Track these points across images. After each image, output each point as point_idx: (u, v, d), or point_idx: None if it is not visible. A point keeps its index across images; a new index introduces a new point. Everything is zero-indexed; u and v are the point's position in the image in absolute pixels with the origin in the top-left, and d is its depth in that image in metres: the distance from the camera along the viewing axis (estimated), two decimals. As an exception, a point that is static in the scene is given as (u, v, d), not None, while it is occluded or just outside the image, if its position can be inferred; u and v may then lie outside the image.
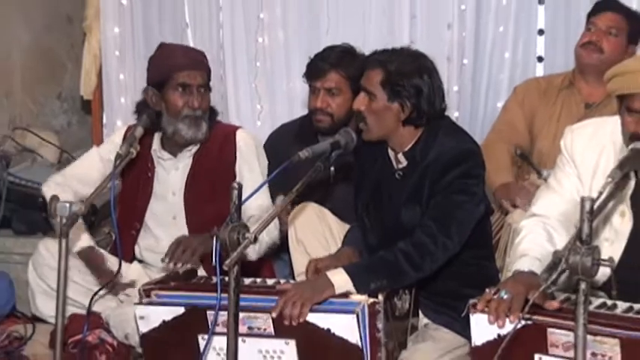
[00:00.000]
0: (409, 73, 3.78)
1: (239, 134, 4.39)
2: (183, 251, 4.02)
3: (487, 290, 3.24)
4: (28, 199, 5.03)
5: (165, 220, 4.40)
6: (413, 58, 3.85)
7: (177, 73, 4.21)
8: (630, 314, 3.23)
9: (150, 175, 4.39)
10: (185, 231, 4.31)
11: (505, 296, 3.19)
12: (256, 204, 4.17)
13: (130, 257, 4.43)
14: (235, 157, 4.35)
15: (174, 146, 4.36)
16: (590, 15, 4.84)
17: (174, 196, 4.37)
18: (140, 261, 4.45)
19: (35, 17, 6.12)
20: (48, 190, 4.30)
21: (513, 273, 3.33)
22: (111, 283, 4.14)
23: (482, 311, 3.23)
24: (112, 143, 4.42)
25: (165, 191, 4.39)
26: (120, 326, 4.19)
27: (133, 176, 4.42)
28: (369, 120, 3.79)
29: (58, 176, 4.47)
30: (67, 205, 3.51)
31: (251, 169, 4.35)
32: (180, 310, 3.68)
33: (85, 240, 4.33)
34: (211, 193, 4.29)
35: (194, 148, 4.35)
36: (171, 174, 4.39)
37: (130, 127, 4.32)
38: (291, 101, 5.65)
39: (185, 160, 4.37)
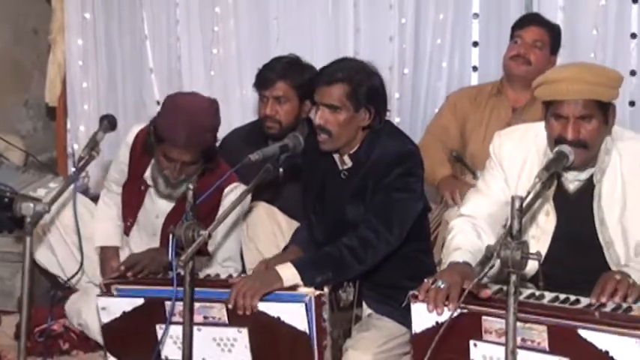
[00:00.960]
0: (368, 81, 3.79)
1: (227, 189, 4.12)
2: (138, 272, 3.86)
3: (425, 280, 3.25)
4: (-6, 199, 4.96)
5: (147, 230, 4.30)
6: (365, 66, 3.86)
7: (168, 146, 3.92)
8: (556, 303, 3.24)
9: (143, 189, 4.26)
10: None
11: (442, 285, 3.20)
12: (222, 235, 4.16)
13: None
14: (219, 203, 4.12)
15: (157, 188, 4.18)
16: (516, 28, 4.87)
17: (157, 219, 4.26)
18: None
19: (4, 31, 6.09)
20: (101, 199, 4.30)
21: (449, 264, 3.35)
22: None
23: (422, 301, 3.24)
24: (126, 146, 4.27)
25: (151, 209, 4.27)
26: (75, 315, 4.16)
27: (133, 177, 4.27)
28: (334, 132, 3.77)
29: (105, 182, 4.40)
30: (32, 204, 3.47)
31: (230, 219, 4.13)
32: (140, 301, 3.67)
33: (106, 239, 4.32)
34: None
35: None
36: (159, 202, 4.24)
37: (141, 130, 4.21)
38: (244, 107, 5.63)
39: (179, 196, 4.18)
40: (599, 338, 3.05)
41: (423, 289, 3.22)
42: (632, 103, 5.10)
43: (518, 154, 3.57)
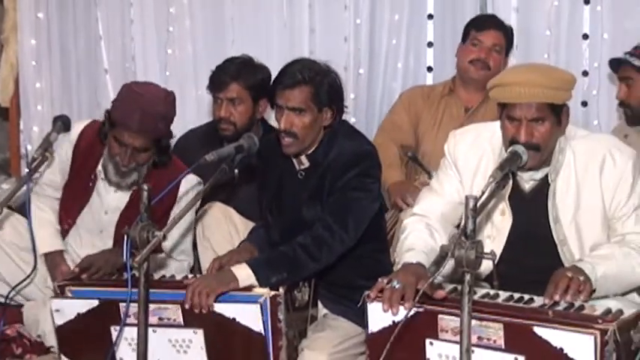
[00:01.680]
0: (328, 81, 3.80)
1: (183, 185, 4.11)
2: (93, 274, 3.85)
3: (380, 280, 3.26)
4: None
5: (93, 229, 4.25)
6: (322, 65, 3.86)
7: (120, 129, 3.96)
8: (511, 302, 3.27)
9: (91, 186, 4.21)
10: (110, 244, 4.17)
11: (397, 285, 3.21)
12: (177, 234, 4.15)
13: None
14: (175, 200, 4.14)
15: (107, 176, 4.16)
16: (474, 29, 4.88)
17: (106, 215, 4.21)
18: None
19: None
20: (33, 204, 4.11)
21: (402, 265, 3.36)
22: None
23: (378, 300, 3.25)
24: (69, 143, 4.24)
25: (99, 207, 4.23)
26: (33, 326, 4.12)
27: (78, 175, 4.24)
28: (300, 134, 3.77)
29: (36, 187, 4.27)
30: None
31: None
32: (95, 302, 3.65)
33: (51, 244, 4.22)
34: None
35: (127, 189, 4.17)
36: (110, 194, 4.20)
37: (87, 125, 4.23)
38: (200, 108, 5.61)
39: (123, 194, 4.19)
40: (554, 335, 3.08)
41: (377, 289, 3.24)
42: (584, 104, 5.13)
43: (473, 153, 3.58)
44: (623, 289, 3.38)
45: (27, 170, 3.90)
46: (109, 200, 4.21)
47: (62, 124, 4.03)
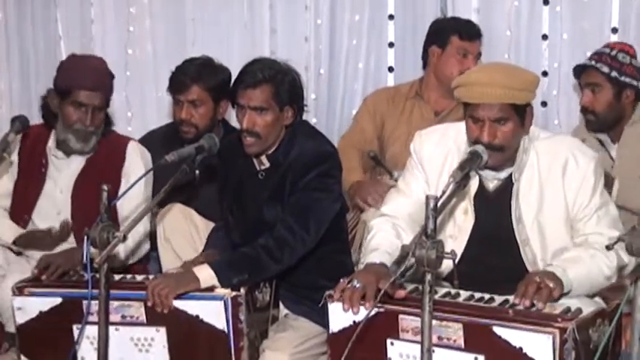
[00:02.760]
0: (289, 79, 3.81)
1: (130, 146, 4.33)
2: (54, 271, 3.85)
3: (341, 280, 3.27)
4: None
5: (49, 214, 4.28)
6: (282, 64, 3.87)
7: (76, 91, 4.13)
8: (471, 302, 3.29)
9: (43, 171, 4.29)
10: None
11: (358, 285, 3.22)
12: (132, 205, 4.17)
13: None
14: (123, 164, 4.27)
15: (67, 148, 4.27)
16: (459, 38, 4.83)
17: (61, 194, 4.28)
18: (19, 253, 4.31)
19: None
20: None
21: (365, 265, 3.38)
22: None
23: (339, 300, 3.26)
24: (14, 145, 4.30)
25: (53, 188, 4.28)
26: None
27: (28, 169, 4.31)
28: (262, 134, 3.77)
29: None
30: None
31: (136, 176, 4.16)
32: (58, 300, 3.66)
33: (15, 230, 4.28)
34: (97, 195, 4.18)
35: (87, 154, 4.28)
36: (63, 173, 4.29)
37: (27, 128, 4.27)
38: (160, 109, 5.58)
39: (77, 161, 4.29)
40: (513, 335, 3.10)
41: (339, 289, 3.25)
42: (544, 104, 5.18)
43: (438, 153, 3.60)
44: (593, 290, 3.40)
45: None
46: (60, 180, 4.28)
47: (20, 124, 4.04)
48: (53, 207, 4.28)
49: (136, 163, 4.32)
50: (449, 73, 4.74)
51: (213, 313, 3.53)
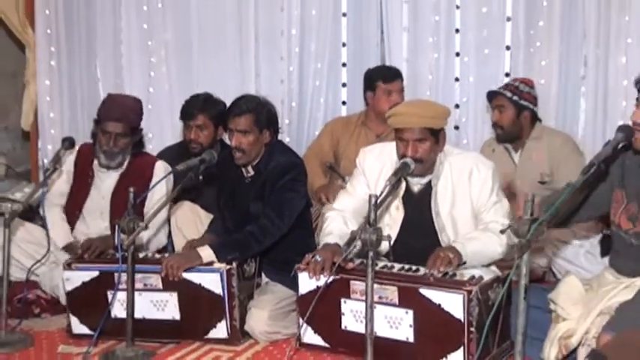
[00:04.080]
0: (266, 109, 3.80)
1: (157, 164, 4.19)
2: (93, 251, 3.79)
3: (307, 255, 3.33)
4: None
5: (95, 213, 4.21)
6: (261, 99, 3.86)
7: (103, 122, 4.08)
8: (402, 272, 3.32)
9: (89, 181, 4.22)
10: (108, 223, 4.17)
11: (319, 259, 3.26)
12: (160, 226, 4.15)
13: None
14: (152, 178, 4.12)
15: (100, 163, 4.18)
16: (382, 81, 4.77)
17: (103, 200, 4.20)
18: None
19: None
20: (47, 209, 3.99)
21: (323, 245, 3.41)
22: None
23: (305, 270, 3.30)
24: (72, 156, 4.25)
25: (97, 194, 4.21)
26: (49, 284, 4.03)
27: (80, 177, 4.24)
28: (247, 150, 3.75)
29: (49, 195, 4.16)
30: (9, 204, 3.54)
31: (160, 190, 4.07)
32: (96, 273, 3.65)
33: (63, 240, 4.16)
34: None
35: (122, 169, 4.19)
36: (105, 183, 4.20)
37: (81, 145, 4.26)
38: (174, 131, 5.46)
39: (115, 175, 4.19)
40: (434, 295, 3.14)
41: (305, 262, 3.31)
42: (456, 127, 5.17)
43: (377, 164, 3.60)
44: (487, 261, 3.42)
45: (42, 178, 3.86)
46: (104, 188, 4.20)
47: (69, 143, 3.97)
48: (97, 208, 4.21)
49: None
50: (381, 109, 4.68)
51: (212, 281, 3.52)
